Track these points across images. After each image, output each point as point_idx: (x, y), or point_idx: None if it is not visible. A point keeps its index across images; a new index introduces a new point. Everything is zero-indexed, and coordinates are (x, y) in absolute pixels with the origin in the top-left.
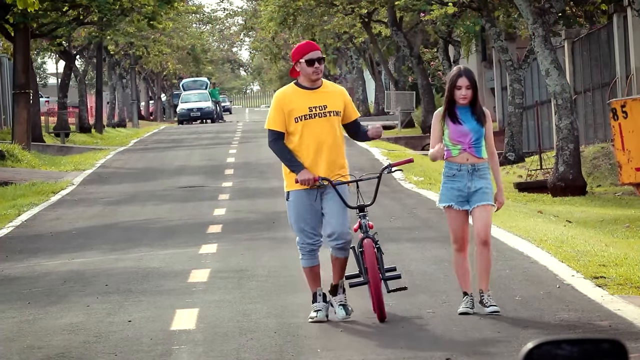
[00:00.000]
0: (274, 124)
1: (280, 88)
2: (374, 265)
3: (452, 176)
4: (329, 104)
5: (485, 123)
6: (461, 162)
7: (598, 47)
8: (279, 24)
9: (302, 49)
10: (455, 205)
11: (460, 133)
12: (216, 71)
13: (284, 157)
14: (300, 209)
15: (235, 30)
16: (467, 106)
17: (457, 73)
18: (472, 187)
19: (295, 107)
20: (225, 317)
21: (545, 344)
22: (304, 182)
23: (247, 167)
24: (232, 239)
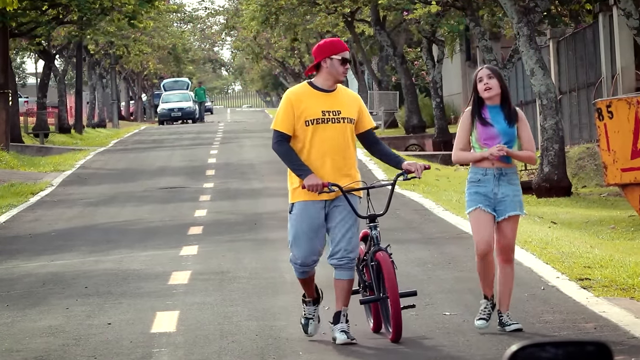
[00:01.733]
0: (282, 124)
1: (291, 87)
2: (393, 280)
3: (476, 181)
4: (344, 110)
5: (518, 121)
6: (487, 166)
7: (583, 46)
8: (261, 23)
9: (335, 45)
10: (483, 207)
11: (488, 135)
12: (197, 71)
13: (289, 161)
14: (304, 225)
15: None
16: (497, 105)
17: (479, 68)
18: (498, 193)
19: (308, 109)
20: (206, 319)
21: (529, 347)
22: (311, 187)
23: (229, 168)
24: (213, 241)
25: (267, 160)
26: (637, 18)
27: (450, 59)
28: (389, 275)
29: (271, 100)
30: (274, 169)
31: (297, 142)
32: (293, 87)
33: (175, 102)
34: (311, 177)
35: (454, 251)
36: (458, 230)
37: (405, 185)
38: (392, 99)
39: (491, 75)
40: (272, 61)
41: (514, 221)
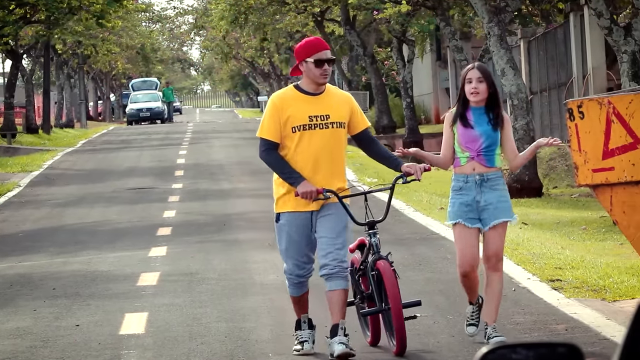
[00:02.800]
0: (268, 132)
1: (277, 90)
2: (396, 291)
3: (458, 190)
4: (333, 114)
5: (503, 128)
6: (468, 172)
7: (554, 46)
8: (230, 23)
9: (310, 46)
10: (464, 222)
11: (469, 138)
12: (166, 71)
13: (280, 169)
14: (293, 234)
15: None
16: (482, 107)
17: (469, 67)
18: (482, 201)
19: (294, 115)
20: (174, 321)
21: (500, 348)
22: (305, 195)
23: (198, 169)
24: (182, 242)
25: (237, 161)
26: (608, 18)
27: (421, 59)
28: (391, 286)
29: (240, 100)
30: (243, 170)
31: (283, 150)
32: (278, 91)
33: (144, 102)
34: (305, 184)
35: (425, 252)
36: (428, 231)
37: (375, 187)
38: (362, 99)
39: (481, 79)
40: (241, 61)
41: (500, 229)
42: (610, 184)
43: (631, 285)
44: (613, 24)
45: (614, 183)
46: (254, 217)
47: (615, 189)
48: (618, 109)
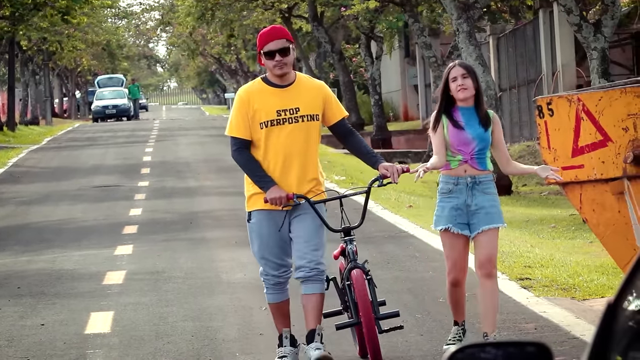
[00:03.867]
0: (237, 129)
1: (244, 85)
2: (366, 301)
3: (447, 192)
4: (303, 106)
5: (494, 129)
6: (458, 174)
7: (524, 43)
8: (196, 19)
9: (261, 38)
10: (454, 228)
11: (461, 140)
12: (132, 67)
13: (250, 170)
14: (265, 234)
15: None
16: (471, 107)
17: (450, 66)
18: (472, 204)
19: (260, 109)
20: (141, 320)
21: (468, 347)
22: (274, 201)
23: (164, 166)
24: (148, 240)
25: (203, 159)
26: (577, 14)
27: (389, 56)
28: (361, 296)
29: (207, 97)
30: (210, 167)
31: (252, 148)
32: (245, 85)
33: (110, 99)
34: (274, 189)
35: (393, 250)
36: (397, 229)
37: (343, 185)
38: None
39: (465, 75)
40: (208, 58)
41: (492, 233)
42: (579, 181)
43: (601, 283)
44: (582, 20)
45: (583, 181)
46: (221, 215)
47: (584, 187)
48: (588, 106)
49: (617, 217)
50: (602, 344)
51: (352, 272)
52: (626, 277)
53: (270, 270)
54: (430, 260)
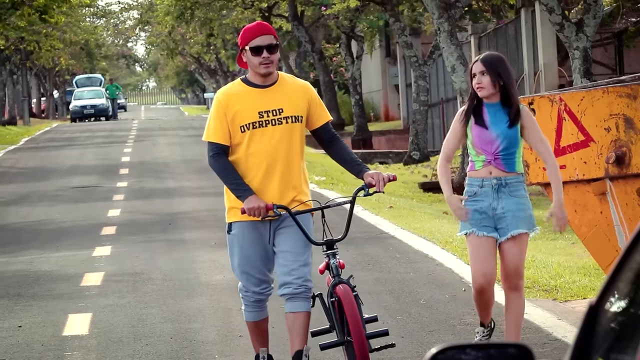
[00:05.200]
0: (215, 134)
1: (223, 86)
2: (357, 319)
3: (473, 195)
4: (287, 107)
5: (525, 124)
6: (484, 176)
7: (505, 42)
8: (175, 18)
9: (247, 32)
10: (478, 232)
11: (484, 140)
12: (111, 67)
13: (227, 179)
14: (246, 247)
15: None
16: (496, 102)
17: (475, 58)
18: (498, 208)
19: (241, 111)
20: (119, 322)
21: (449, 349)
22: (252, 211)
23: (143, 167)
24: (127, 241)
25: (182, 159)
26: (559, 14)
27: (370, 55)
28: (351, 314)
29: (186, 97)
30: (189, 168)
31: (234, 153)
32: (224, 87)
33: (88, 99)
34: (251, 199)
35: (374, 251)
36: (377, 230)
37: (323, 185)
38: None
39: (484, 71)
40: (187, 57)
41: (520, 241)
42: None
43: (583, 285)
44: (564, 19)
45: (565, 181)
46: (200, 216)
47: (566, 188)
48: (570, 106)
49: (599, 218)
50: (584, 345)
51: (338, 288)
52: (608, 278)
53: (252, 287)
54: (411, 262)
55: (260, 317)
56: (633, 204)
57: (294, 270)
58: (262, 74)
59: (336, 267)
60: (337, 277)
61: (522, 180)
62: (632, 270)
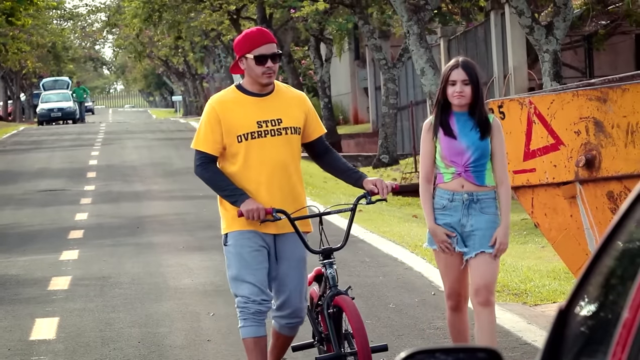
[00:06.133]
0: (205, 143)
1: (216, 94)
2: (364, 332)
3: (442, 208)
4: (285, 117)
5: (493, 137)
6: (454, 189)
7: (475, 45)
8: (143, 21)
9: (250, 39)
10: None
11: (454, 150)
12: (78, 70)
13: (219, 186)
14: (245, 254)
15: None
16: (465, 112)
17: (452, 64)
18: (467, 225)
19: (238, 121)
20: (87, 326)
21: (418, 353)
22: (251, 214)
23: (110, 170)
24: (95, 245)
25: (150, 162)
26: (529, 16)
27: (339, 58)
28: (358, 327)
29: (154, 100)
30: (157, 171)
31: (229, 165)
32: (217, 94)
33: (55, 102)
34: (249, 201)
35: (343, 256)
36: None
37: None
38: None
39: (467, 81)
40: (155, 60)
41: (489, 257)
42: (531, 185)
43: (552, 289)
44: (534, 22)
45: (535, 185)
46: (168, 219)
47: (536, 191)
48: (539, 110)
49: (569, 222)
50: (554, 350)
51: (340, 299)
52: (578, 282)
53: (253, 295)
54: (380, 266)
55: (260, 333)
56: (603, 207)
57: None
58: (264, 83)
59: (333, 278)
60: (334, 287)
61: (493, 197)
62: (602, 274)
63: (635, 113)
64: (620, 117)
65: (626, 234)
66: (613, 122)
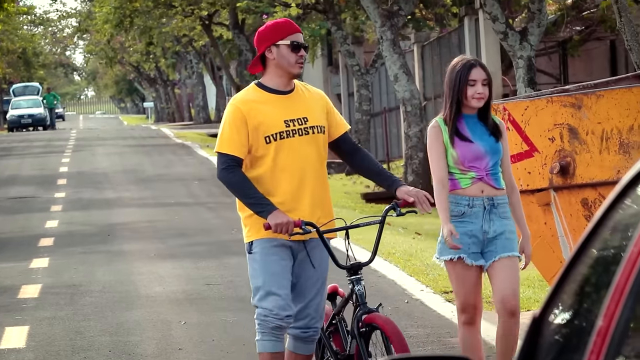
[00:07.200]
0: (230, 145)
1: (236, 94)
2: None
3: (460, 215)
4: (311, 116)
5: (502, 139)
6: (473, 194)
7: (448, 51)
8: (114, 27)
9: (282, 27)
10: (468, 259)
11: (473, 155)
12: (48, 76)
13: (245, 194)
14: (273, 264)
15: (68, 33)
16: (474, 114)
17: (467, 63)
18: (490, 231)
19: (266, 120)
20: (57, 335)
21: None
22: (279, 227)
23: (81, 177)
24: (65, 253)
25: (122, 169)
26: (503, 22)
27: (312, 64)
28: (400, 345)
29: (126, 106)
30: (128, 178)
31: (255, 168)
32: (239, 94)
33: (26, 109)
34: (277, 214)
35: None
36: None
37: None
38: None
39: (486, 81)
40: (126, 66)
41: (512, 263)
42: None
43: (526, 297)
44: (508, 28)
45: None
46: (139, 227)
47: None
48: (513, 116)
49: (543, 229)
50: (528, 358)
51: (376, 317)
52: (552, 290)
53: (276, 309)
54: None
55: (277, 349)
56: (577, 214)
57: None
58: (296, 74)
59: (362, 295)
60: (364, 305)
61: (507, 201)
62: (576, 282)
63: (610, 120)
64: (595, 124)
65: (600, 242)
66: (588, 129)
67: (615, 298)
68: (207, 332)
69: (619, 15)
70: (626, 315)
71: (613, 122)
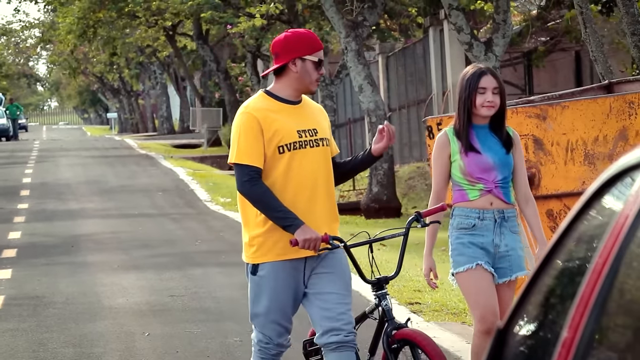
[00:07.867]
0: (249, 155)
1: (246, 101)
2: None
3: (471, 228)
4: (319, 128)
5: (515, 151)
6: (482, 206)
7: (413, 62)
8: (78, 37)
9: (311, 41)
10: (485, 264)
11: (481, 166)
12: (11, 86)
13: (271, 207)
14: (279, 292)
15: (31, 43)
16: (486, 125)
17: (477, 71)
18: (502, 245)
19: (280, 130)
20: (20, 346)
21: None
22: (307, 243)
23: (44, 188)
24: (28, 264)
25: (85, 180)
26: (468, 33)
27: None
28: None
29: (89, 117)
30: (92, 189)
31: (267, 178)
32: (250, 102)
33: None
34: (305, 229)
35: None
36: None
37: (229, 207)
38: (215, 116)
39: (497, 89)
40: (90, 76)
41: (515, 285)
42: None
43: None
44: (473, 39)
45: None
46: (103, 238)
47: None
48: None
49: None
50: None
51: (411, 332)
52: (517, 301)
53: (277, 338)
54: None
55: None
56: (542, 225)
57: (343, 314)
58: (313, 91)
59: (389, 310)
60: (392, 320)
61: (516, 215)
62: (541, 293)
63: (575, 130)
64: (560, 135)
65: (565, 253)
66: (553, 140)
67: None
68: (171, 344)
69: (584, 26)
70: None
71: (578, 133)
